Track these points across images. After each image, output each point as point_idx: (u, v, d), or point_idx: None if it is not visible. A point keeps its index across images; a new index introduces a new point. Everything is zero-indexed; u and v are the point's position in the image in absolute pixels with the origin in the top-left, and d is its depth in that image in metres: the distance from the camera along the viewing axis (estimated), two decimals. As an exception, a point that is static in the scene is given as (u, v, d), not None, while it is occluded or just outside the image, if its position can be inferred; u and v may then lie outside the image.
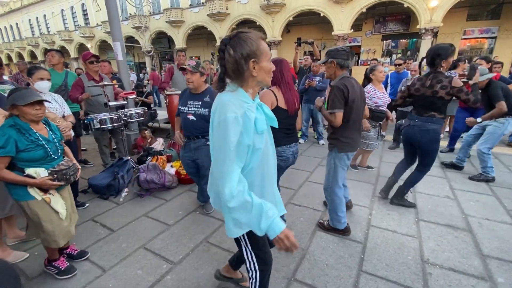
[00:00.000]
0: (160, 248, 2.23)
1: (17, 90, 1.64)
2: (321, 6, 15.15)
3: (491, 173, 3.32)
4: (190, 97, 2.45)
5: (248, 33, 1.06)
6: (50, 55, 3.74)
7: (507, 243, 2.21)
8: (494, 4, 13.30)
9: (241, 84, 1.10)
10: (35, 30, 30.81)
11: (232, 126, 1.01)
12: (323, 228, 2.44)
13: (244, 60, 1.03)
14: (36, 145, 1.65)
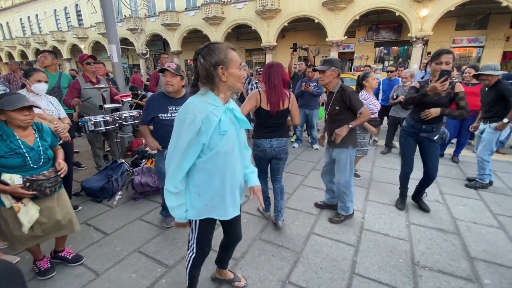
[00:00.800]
0: (155, 252, 2.23)
1: (6, 95, 1.62)
2: (316, 12, 15.42)
3: (486, 180, 3.38)
4: (169, 102, 2.29)
5: (217, 44, 1.20)
6: (43, 56, 3.71)
7: (493, 246, 2.29)
8: (482, 15, 13.79)
9: (212, 89, 1.23)
10: (26, 30, 30.35)
11: (188, 127, 1.16)
12: (337, 221, 2.61)
13: (213, 67, 1.17)
14: (14, 152, 1.62)
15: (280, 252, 2.21)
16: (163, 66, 2.25)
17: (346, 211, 2.63)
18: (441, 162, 4.33)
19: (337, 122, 2.39)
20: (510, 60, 13.73)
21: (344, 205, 2.60)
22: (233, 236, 1.69)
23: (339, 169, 2.51)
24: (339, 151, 2.47)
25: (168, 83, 2.22)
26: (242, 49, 21.17)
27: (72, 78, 4.06)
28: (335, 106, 2.38)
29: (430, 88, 2.28)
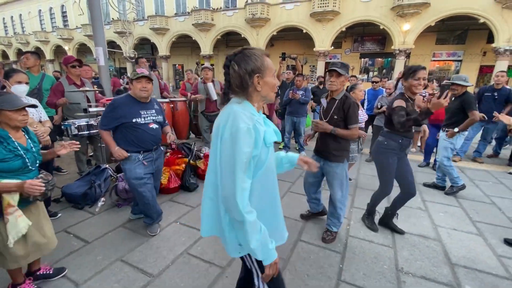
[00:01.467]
0: (138, 261, 2.16)
1: (1, 95, 1.53)
2: (304, 23, 15.82)
3: (459, 182, 3.52)
4: (140, 106, 2.28)
5: (252, 50, 1.09)
6: (25, 57, 3.58)
7: (473, 252, 2.37)
8: (460, 30, 14.60)
9: (246, 98, 1.11)
10: (9, 30, 29.31)
11: (245, 137, 0.99)
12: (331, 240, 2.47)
13: (248, 75, 1.06)
14: (14, 155, 1.54)
15: (267, 260, 2.19)
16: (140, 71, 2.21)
17: (338, 227, 2.51)
18: (422, 170, 4.49)
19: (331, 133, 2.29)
20: (486, 74, 14.53)
21: (338, 221, 2.47)
22: None
23: (336, 184, 2.40)
24: (335, 165, 2.36)
25: (144, 89, 2.22)
26: (232, 56, 21.31)
27: (56, 80, 3.95)
28: (335, 115, 2.28)
29: (435, 105, 2.07)
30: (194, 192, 3.45)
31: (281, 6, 16.38)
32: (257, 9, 16.23)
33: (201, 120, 4.74)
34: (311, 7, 15.06)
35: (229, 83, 1.10)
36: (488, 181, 4.07)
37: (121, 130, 2.25)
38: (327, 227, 2.54)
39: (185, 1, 19.50)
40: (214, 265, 2.12)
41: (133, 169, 2.31)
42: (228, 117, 1.03)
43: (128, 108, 2.23)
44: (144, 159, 2.35)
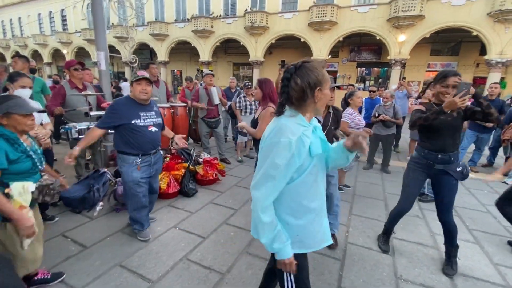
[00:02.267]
0: (137, 266, 2.14)
1: (11, 98, 1.53)
2: (302, 32, 16.08)
3: None
4: (140, 108, 2.30)
5: (313, 63, 1.11)
6: (13, 61, 3.58)
7: (470, 259, 2.40)
8: (454, 42, 14.96)
9: (300, 110, 1.14)
10: (7, 32, 29.26)
11: (283, 150, 1.07)
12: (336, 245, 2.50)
13: (310, 89, 1.09)
14: (26, 156, 1.55)
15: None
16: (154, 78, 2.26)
17: (337, 228, 2.59)
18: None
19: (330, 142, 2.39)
20: (480, 85, 14.83)
21: (337, 221, 2.56)
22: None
23: (334, 182, 2.54)
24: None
25: (144, 91, 2.24)
26: (230, 63, 21.50)
27: (44, 83, 3.96)
28: (332, 126, 2.41)
29: (448, 103, 1.88)
30: (193, 198, 3.45)
31: (280, 15, 16.65)
32: (256, 18, 16.48)
33: (201, 126, 4.76)
34: (309, 16, 15.34)
35: (287, 95, 1.12)
36: (483, 190, 4.13)
37: (120, 132, 2.26)
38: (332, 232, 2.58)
39: (185, 8, 19.73)
40: (214, 271, 2.11)
41: (130, 173, 2.30)
42: (274, 129, 1.12)
43: (129, 110, 2.24)
44: (142, 163, 2.33)
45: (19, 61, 3.54)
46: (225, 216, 3.02)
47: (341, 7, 14.92)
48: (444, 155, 2.11)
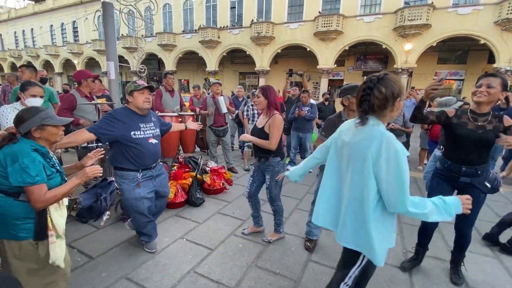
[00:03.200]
0: (144, 279, 2.08)
1: (41, 109, 1.44)
2: (308, 41, 16.21)
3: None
4: (140, 119, 2.17)
5: (394, 75, 1.23)
6: (20, 71, 3.64)
7: (491, 276, 2.28)
8: (461, 50, 14.87)
9: (380, 118, 1.25)
10: (19, 43, 30.27)
11: (403, 156, 1.16)
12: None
13: (393, 98, 1.19)
14: (56, 170, 1.47)
15: (277, 281, 2.11)
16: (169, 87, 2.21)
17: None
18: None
19: None
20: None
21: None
22: None
23: None
24: None
25: (147, 101, 2.12)
26: (236, 72, 21.73)
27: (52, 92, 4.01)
28: None
29: (424, 93, 1.94)
30: (200, 207, 3.40)
31: (286, 26, 16.87)
32: (262, 28, 16.71)
33: (209, 134, 4.75)
34: (315, 26, 15.49)
35: (368, 103, 1.22)
36: (499, 201, 3.98)
37: (118, 146, 2.09)
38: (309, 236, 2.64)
39: (193, 19, 20.17)
40: (223, 285, 2.04)
41: (131, 190, 2.14)
42: (381, 140, 1.18)
43: (129, 121, 2.09)
44: (143, 178, 2.19)
45: (26, 71, 3.59)
46: (233, 227, 2.95)
47: (347, 17, 15.05)
48: (469, 168, 1.96)
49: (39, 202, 1.33)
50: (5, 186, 1.35)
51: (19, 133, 1.40)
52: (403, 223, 3.17)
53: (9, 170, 1.30)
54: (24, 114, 1.39)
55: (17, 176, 1.29)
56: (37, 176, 1.33)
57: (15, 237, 1.37)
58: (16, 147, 1.35)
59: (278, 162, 2.45)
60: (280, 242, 2.66)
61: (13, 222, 1.36)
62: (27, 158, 1.32)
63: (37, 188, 1.33)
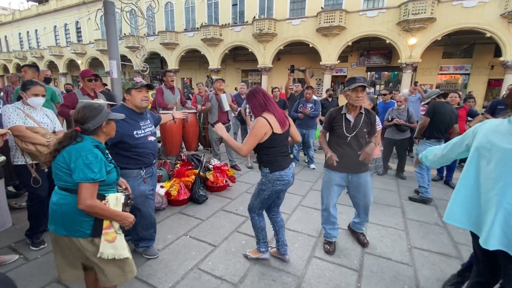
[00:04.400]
0: (148, 275, 2.09)
1: (101, 106, 1.46)
2: (310, 37, 16.08)
3: (425, 193, 3.58)
4: (139, 117, 2.12)
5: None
6: (23, 70, 3.64)
7: (498, 272, 2.24)
8: (466, 44, 14.61)
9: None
10: (24, 44, 30.56)
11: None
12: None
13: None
14: (114, 166, 1.50)
15: (281, 277, 2.10)
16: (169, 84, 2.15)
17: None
18: (436, 184, 4.36)
19: (358, 145, 2.27)
20: (495, 87, 14.39)
21: (366, 221, 2.63)
22: None
23: (367, 191, 2.40)
24: (365, 174, 2.37)
25: (145, 99, 2.08)
26: (239, 70, 21.68)
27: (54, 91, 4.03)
28: (364, 128, 2.26)
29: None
30: (203, 205, 3.40)
31: (288, 22, 16.74)
32: (264, 25, 16.61)
33: (211, 132, 4.75)
34: (317, 22, 15.35)
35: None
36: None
37: (120, 147, 2.03)
38: (362, 231, 2.66)
39: (195, 17, 20.14)
40: (226, 282, 2.04)
41: (136, 186, 2.09)
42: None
43: (129, 120, 2.02)
44: (146, 175, 2.17)
45: (28, 70, 3.61)
46: (236, 223, 2.95)
47: (350, 12, 14.87)
48: None
49: (84, 203, 1.31)
50: (69, 184, 1.36)
51: (87, 129, 1.41)
52: (408, 219, 3.14)
53: (72, 166, 1.32)
54: (92, 111, 1.41)
55: (80, 172, 1.31)
56: (99, 172, 1.34)
57: (84, 235, 1.38)
58: (79, 144, 1.37)
59: (266, 173, 2.01)
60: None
61: (80, 219, 1.37)
62: (90, 154, 1.34)
63: (90, 187, 1.33)
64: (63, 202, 1.38)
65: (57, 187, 1.42)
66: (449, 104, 3.81)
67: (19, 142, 2.18)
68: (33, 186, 2.28)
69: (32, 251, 2.35)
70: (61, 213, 1.38)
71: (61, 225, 1.39)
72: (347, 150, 2.29)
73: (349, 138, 2.27)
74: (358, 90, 2.14)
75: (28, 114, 2.28)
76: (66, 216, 1.38)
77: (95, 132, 1.44)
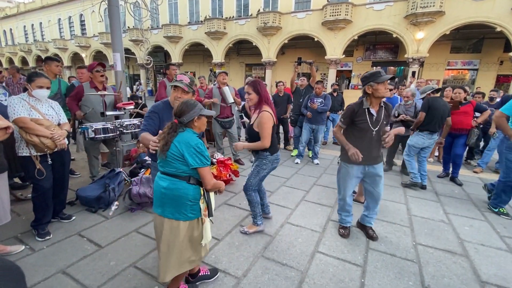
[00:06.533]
0: (152, 267, 2.10)
1: (195, 103, 1.60)
2: (315, 31, 15.86)
3: (414, 178, 3.85)
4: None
5: None
6: (54, 64, 3.61)
7: (504, 269, 2.21)
8: (476, 39, 14.29)
9: None
10: (29, 37, 30.63)
11: None
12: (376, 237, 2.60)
13: None
14: (209, 156, 1.62)
15: (284, 271, 2.10)
16: (172, 78, 2.16)
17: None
18: (442, 181, 4.31)
19: (380, 138, 2.34)
20: (503, 83, 14.11)
21: (376, 214, 2.64)
22: None
23: (381, 182, 2.48)
24: (380, 165, 2.45)
25: (178, 99, 2.06)
26: (242, 64, 21.53)
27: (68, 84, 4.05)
28: (384, 121, 2.34)
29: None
30: (207, 198, 3.40)
31: (293, 15, 16.52)
32: (269, 18, 16.41)
33: (215, 126, 4.72)
34: (323, 15, 15.12)
35: None
36: (513, 194, 3.85)
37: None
38: (371, 226, 2.66)
39: (199, 10, 19.96)
40: (229, 275, 2.04)
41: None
42: None
43: (167, 115, 2.13)
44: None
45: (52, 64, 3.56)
46: (239, 218, 2.95)
47: (356, 5, 14.60)
48: None
49: (210, 183, 1.56)
50: (180, 171, 1.55)
51: (182, 122, 1.57)
52: (413, 216, 3.10)
53: (186, 154, 1.50)
54: (188, 107, 1.57)
55: (196, 158, 1.51)
56: (208, 159, 1.55)
57: (185, 218, 1.58)
58: (185, 135, 1.55)
59: (267, 156, 2.42)
60: (287, 233, 2.63)
61: (186, 203, 1.56)
62: (199, 143, 1.54)
63: (209, 169, 1.56)
64: (174, 187, 1.55)
65: (165, 173, 1.60)
66: (442, 99, 4.04)
67: (24, 134, 2.18)
68: (38, 177, 2.29)
69: (38, 242, 2.37)
70: (171, 197, 1.56)
71: (169, 207, 1.57)
72: (369, 144, 2.34)
73: (374, 132, 2.31)
74: (386, 82, 2.20)
75: (33, 106, 2.27)
76: (175, 199, 1.56)
77: (189, 125, 1.59)
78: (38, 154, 2.30)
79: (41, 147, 2.24)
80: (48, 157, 2.36)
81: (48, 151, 2.32)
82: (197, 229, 1.63)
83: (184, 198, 1.55)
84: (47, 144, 2.26)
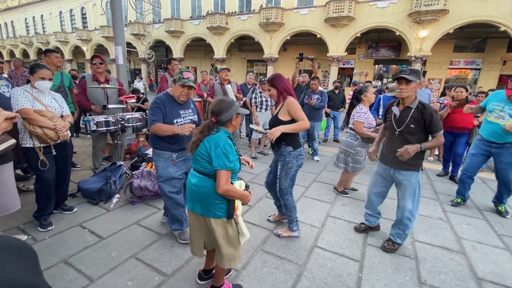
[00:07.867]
0: (152, 259, 2.13)
1: (233, 101, 1.59)
2: (318, 28, 15.77)
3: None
4: (179, 106, 2.21)
5: None
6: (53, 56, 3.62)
7: (500, 267, 2.24)
8: (479, 38, 14.21)
9: None
10: (30, 29, 30.50)
11: None
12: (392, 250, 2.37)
13: None
14: (238, 156, 1.60)
15: (283, 265, 2.13)
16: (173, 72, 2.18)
17: (403, 239, 2.39)
18: (441, 180, 4.33)
19: (405, 142, 2.13)
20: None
21: (404, 232, 2.35)
22: None
23: (407, 194, 2.27)
24: (409, 174, 2.22)
25: (184, 95, 2.12)
26: (244, 60, 21.45)
27: (72, 77, 4.07)
28: (411, 124, 2.12)
29: None
30: (207, 193, 3.43)
31: (296, 11, 16.41)
32: (271, 14, 16.31)
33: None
34: (326, 12, 15.02)
35: None
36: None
37: None
38: (390, 237, 2.44)
39: (201, 5, 19.83)
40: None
41: (165, 168, 2.22)
42: None
43: (170, 108, 2.15)
44: (177, 158, 2.27)
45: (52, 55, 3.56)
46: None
47: (359, 2, 14.51)
48: None
49: (222, 188, 1.46)
50: (207, 170, 1.53)
51: (220, 120, 1.55)
52: (411, 213, 3.13)
53: (212, 154, 1.48)
54: (228, 105, 1.56)
55: (219, 160, 1.46)
56: (233, 162, 1.50)
57: (215, 216, 1.56)
58: (216, 134, 1.54)
59: (290, 152, 2.30)
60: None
61: (214, 201, 1.55)
62: (227, 144, 1.50)
63: (226, 174, 1.48)
64: (201, 184, 1.56)
65: (195, 170, 1.60)
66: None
67: (27, 125, 2.20)
68: (41, 168, 2.31)
69: (40, 232, 2.40)
70: (198, 194, 1.58)
71: (198, 203, 1.59)
72: (393, 144, 2.23)
73: (397, 132, 2.20)
74: (401, 82, 2.08)
75: (36, 97, 2.29)
76: (202, 196, 1.57)
77: (226, 124, 1.59)
78: (42, 145, 2.31)
79: (44, 138, 2.25)
80: (52, 148, 2.38)
81: (52, 143, 2.34)
82: (230, 227, 1.60)
83: (211, 196, 1.54)
84: (50, 135, 2.27)
